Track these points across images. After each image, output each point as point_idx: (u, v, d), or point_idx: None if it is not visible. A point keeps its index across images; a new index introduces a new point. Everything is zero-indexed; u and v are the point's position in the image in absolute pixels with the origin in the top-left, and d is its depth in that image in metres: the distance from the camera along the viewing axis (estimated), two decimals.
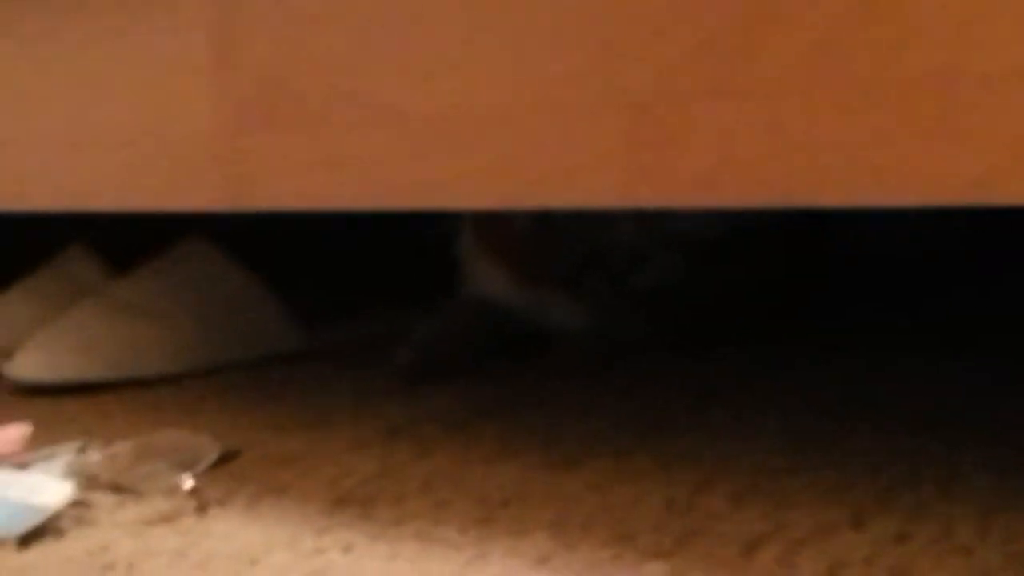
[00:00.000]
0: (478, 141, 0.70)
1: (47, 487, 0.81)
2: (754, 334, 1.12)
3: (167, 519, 0.79)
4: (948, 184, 0.56)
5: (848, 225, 1.18)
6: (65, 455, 0.86)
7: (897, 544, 0.67)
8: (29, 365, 1.17)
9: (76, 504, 0.81)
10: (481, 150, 0.70)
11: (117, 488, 0.84)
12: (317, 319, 1.26)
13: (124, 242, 1.33)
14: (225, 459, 0.89)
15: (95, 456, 0.86)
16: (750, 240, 1.14)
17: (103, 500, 0.83)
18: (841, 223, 1.16)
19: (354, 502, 0.80)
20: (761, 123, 0.60)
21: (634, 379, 1.05)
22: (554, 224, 1.12)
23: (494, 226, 1.16)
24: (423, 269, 1.23)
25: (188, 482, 0.82)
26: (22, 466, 0.84)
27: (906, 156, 0.56)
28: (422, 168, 0.73)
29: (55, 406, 1.11)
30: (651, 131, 0.63)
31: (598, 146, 0.65)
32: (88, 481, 0.84)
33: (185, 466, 0.85)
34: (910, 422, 0.88)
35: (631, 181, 0.65)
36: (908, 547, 0.67)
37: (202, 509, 0.80)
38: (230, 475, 0.87)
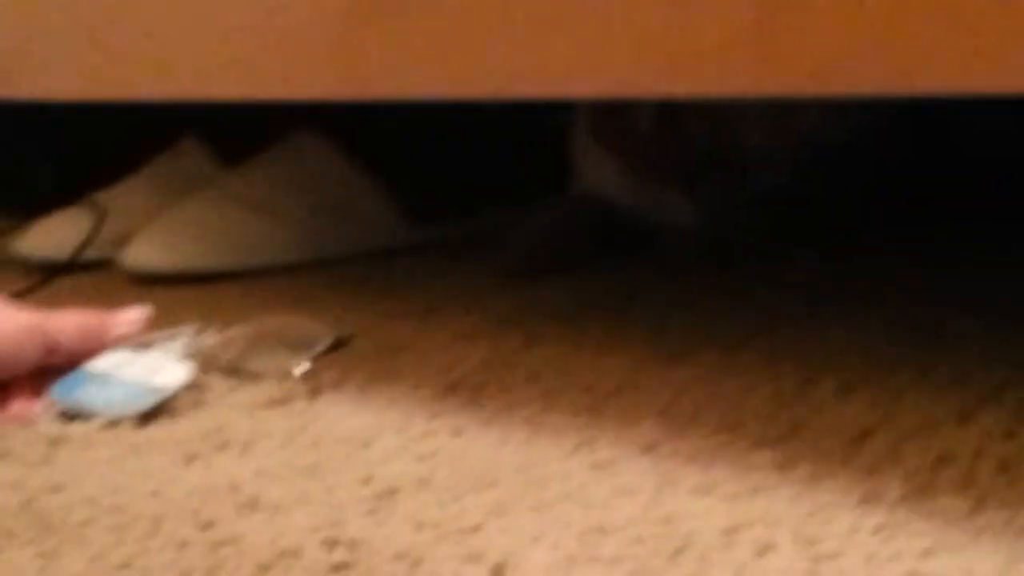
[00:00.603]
0: (599, 25, 0.70)
1: (165, 368, 0.83)
2: (868, 237, 1.12)
3: (280, 402, 0.81)
4: None
5: (979, 128, 1.17)
6: (183, 337, 0.88)
7: (1005, 440, 0.67)
8: (143, 254, 1.20)
9: (191, 386, 0.83)
10: (602, 35, 0.70)
11: (232, 371, 0.86)
12: (427, 214, 1.27)
13: (235, 135, 1.35)
14: (337, 345, 0.91)
15: (212, 339, 0.88)
16: (870, 144, 1.13)
17: (218, 383, 0.85)
18: (971, 125, 1.14)
19: (464, 389, 0.82)
20: (886, 8, 0.59)
21: (744, 277, 1.05)
22: (674, 121, 1.11)
23: (612, 121, 1.16)
24: (536, 166, 1.23)
25: (302, 366, 0.84)
26: (142, 347, 0.86)
27: None
28: (540, 54, 0.73)
29: (169, 294, 1.13)
30: (777, 17, 0.63)
31: (724, 32, 0.65)
32: (205, 363, 0.86)
33: (299, 351, 0.87)
34: (1020, 320, 0.87)
35: (756, 69, 0.64)
36: (1016, 442, 0.67)
37: (315, 393, 0.82)
38: (342, 361, 0.89)
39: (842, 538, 0.57)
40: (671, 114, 1.12)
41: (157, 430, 0.77)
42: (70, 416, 0.79)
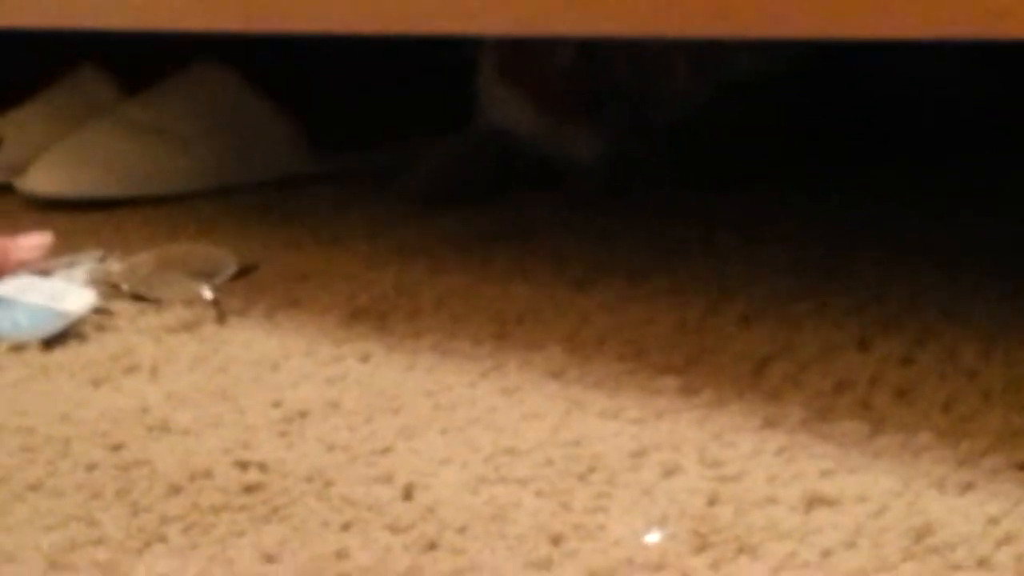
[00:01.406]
0: None
1: (70, 293, 0.82)
2: (768, 170, 1.13)
3: (188, 327, 0.81)
4: (971, 18, 0.56)
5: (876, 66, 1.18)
6: (86, 264, 0.88)
7: (902, 366, 0.69)
8: (42, 180, 1.18)
9: (98, 311, 0.83)
10: None
11: (137, 297, 0.86)
12: (331, 144, 1.27)
13: (136, 63, 1.33)
14: (242, 273, 0.91)
15: (115, 265, 0.88)
16: (770, 79, 1.14)
17: (124, 308, 0.85)
18: (867, 65, 1.16)
19: (370, 316, 0.82)
20: None
21: (646, 209, 1.07)
22: (592, 57, 1.12)
23: (517, 55, 1.16)
24: (440, 97, 1.23)
25: (207, 292, 0.84)
26: (43, 273, 0.86)
27: None
28: None
29: (70, 220, 1.12)
30: None
31: None
32: (109, 289, 0.86)
33: (204, 277, 0.87)
34: (916, 252, 0.89)
35: (652, 10, 0.65)
36: (913, 368, 0.68)
37: (221, 318, 0.82)
38: (247, 288, 0.89)
39: (745, 460, 0.59)
40: (588, 50, 1.12)
41: (64, 354, 0.77)
42: None
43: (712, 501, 0.55)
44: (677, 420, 0.64)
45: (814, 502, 0.54)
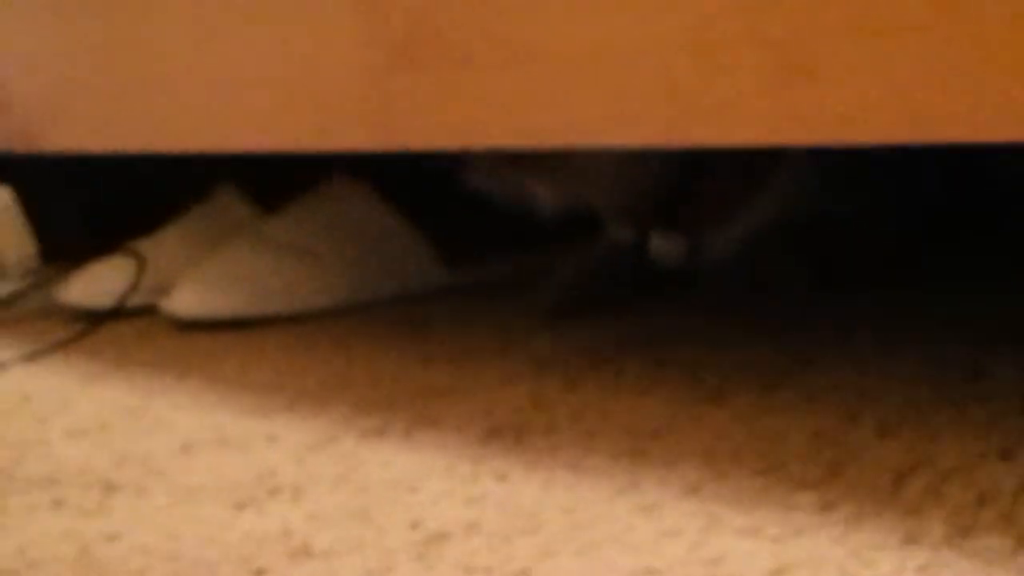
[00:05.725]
0: (620, 80, 0.72)
1: None
2: (899, 269, 1.13)
3: (325, 445, 0.82)
4: None
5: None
6: None
7: None
8: (185, 302, 1.21)
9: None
10: (623, 89, 0.71)
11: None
12: (461, 257, 1.29)
13: (270, 180, 1.37)
14: None
15: None
16: (895, 176, 1.14)
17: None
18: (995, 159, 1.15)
19: (506, 432, 0.83)
20: (901, 59, 0.60)
21: (777, 315, 1.06)
22: (702, 161, 1.13)
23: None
24: (569, 208, 1.24)
25: None
26: None
27: None
28: (563, 107, 0.75)
29: (210, 340, 1.15)
30: (791, 68, 0.64)
31: (740, 84, 0.66)
32: None
33: None
34: None
35: (772, 119, 0.66)
36: None
37: (360, 437, 0.83)
38: (384, 405, 0.90)
39: None
40: (695, 156, 1.13)
41: (208, 476, 0.79)
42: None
43: None
44: (816, 537, 0.63)
45: None
